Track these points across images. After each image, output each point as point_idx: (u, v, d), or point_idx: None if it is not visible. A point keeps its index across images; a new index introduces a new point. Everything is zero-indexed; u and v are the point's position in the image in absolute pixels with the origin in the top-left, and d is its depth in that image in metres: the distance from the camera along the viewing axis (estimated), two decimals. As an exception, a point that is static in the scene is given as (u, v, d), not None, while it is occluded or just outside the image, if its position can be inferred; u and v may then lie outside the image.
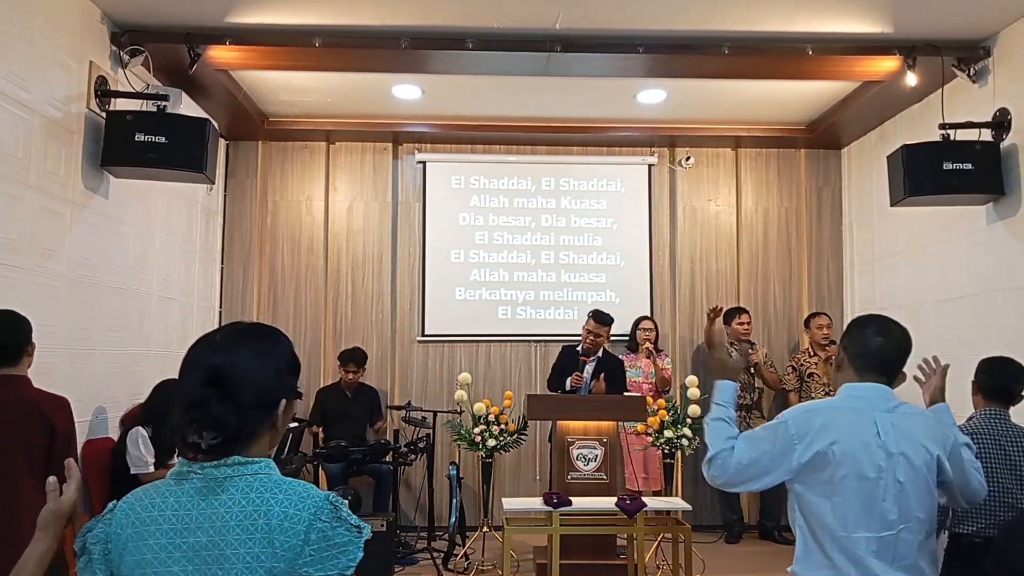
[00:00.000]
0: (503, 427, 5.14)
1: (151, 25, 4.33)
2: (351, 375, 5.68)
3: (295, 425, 4.92)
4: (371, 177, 6.35)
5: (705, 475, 2.05)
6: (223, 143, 6.01)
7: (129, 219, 4.53)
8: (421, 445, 5.12)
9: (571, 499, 4.15)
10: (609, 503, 4.13)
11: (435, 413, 5.34)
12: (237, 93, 5.29)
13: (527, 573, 4.82)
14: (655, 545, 4.95)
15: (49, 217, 3.69)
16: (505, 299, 6.32)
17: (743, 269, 6.38)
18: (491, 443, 5.07)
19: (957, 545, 2.86)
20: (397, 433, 5.76)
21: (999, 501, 2.78)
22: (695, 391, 5.08)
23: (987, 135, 4.36)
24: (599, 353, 5.26)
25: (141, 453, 3.78)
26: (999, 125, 4.33)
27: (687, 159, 6.35)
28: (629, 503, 4.05)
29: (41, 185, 3.62)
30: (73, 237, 3.90)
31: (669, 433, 4.97)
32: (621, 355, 5.64)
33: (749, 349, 5.80)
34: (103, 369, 4.23)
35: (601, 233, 6.40)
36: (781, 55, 4.58)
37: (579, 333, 5.38)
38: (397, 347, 6.25)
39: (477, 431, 5.09)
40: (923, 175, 4.31)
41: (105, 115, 4.09)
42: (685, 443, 4.97)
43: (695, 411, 4.89)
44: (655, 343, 5.77)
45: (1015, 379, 2.95)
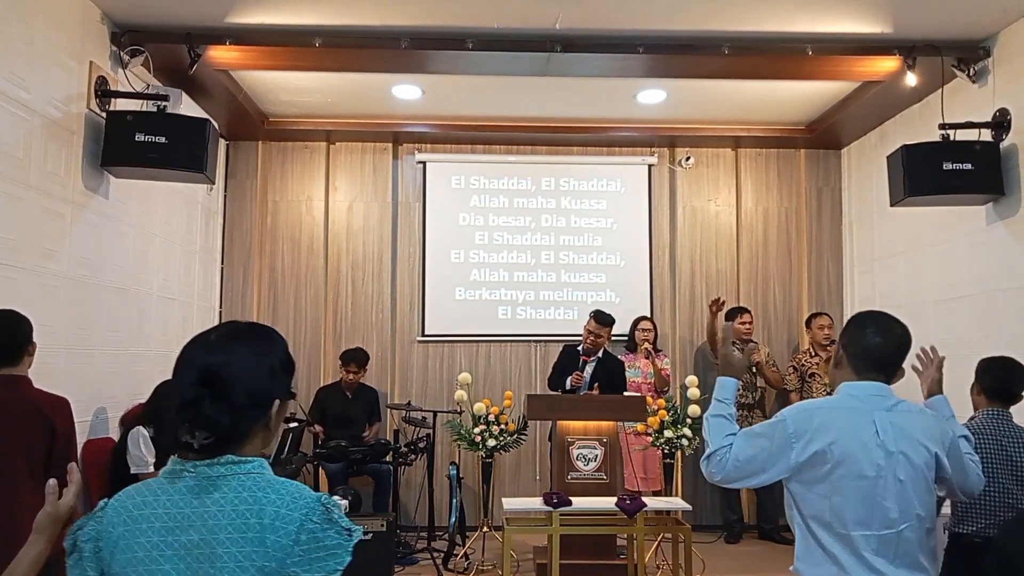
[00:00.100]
0: (503, 427, 5.14)
1: (151, 25, 4.33)
2: (352, 375, 5.68)
3: (295, 425, 4.92)
4: (371, 177, 6.35)
5: (703, 471, 2.05)
6: (223, 143, 6.01)
7: (129, 219, 4.53)
8: (421, 445, 5.12)
9: (571, 499, 4.15)
10: (609, 503, 4.13)
11: (435, 413, 5.34)
12: (237, 93, 5.29)
13: (527, 573, 4.82)
14: (655, 545, 4.95)
15: (49, 217, 3.69)
16: (505, 299, 6.32)
17: (743, 269, 6.38)
18: (491, 443, 5.07)
19: (957, 545, 2.86)
20: (397, 433, 5.76)
21: (999, 501, 2.78)
22: (695, 391, 5.08)
23: (987, 135, 4.36)
24: (599, 353, 5.26)
25: (142, 453, 3.78)
26: (999, 125, 4.33)
27: (687, 159, 6.35)
28: (629, 503, 4.05)
29: (41, 185, 3.62)
30: (73, 237, 3.90)
31: (669, 433, 4.97)
32: (620, 355, 5.64)
33: (753, 349, 5.80)
34: (103, 369, 4.23)
35: (601, 233, 6.40)
36: (781, 55, 4.58)
37: (579, 333, 5.39)
38: (397, 347, 6.25)
39: (477, 431, 5.09)
40: (923, 175, 4.32)
41: (105, 115, 4.09)
42: (685, 443, 4.97)
43: (695, 411, 4.89)
44: (654, 343, 5.76)
45: (1017, 379, 2.95)
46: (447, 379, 6.15)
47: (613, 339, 5.47)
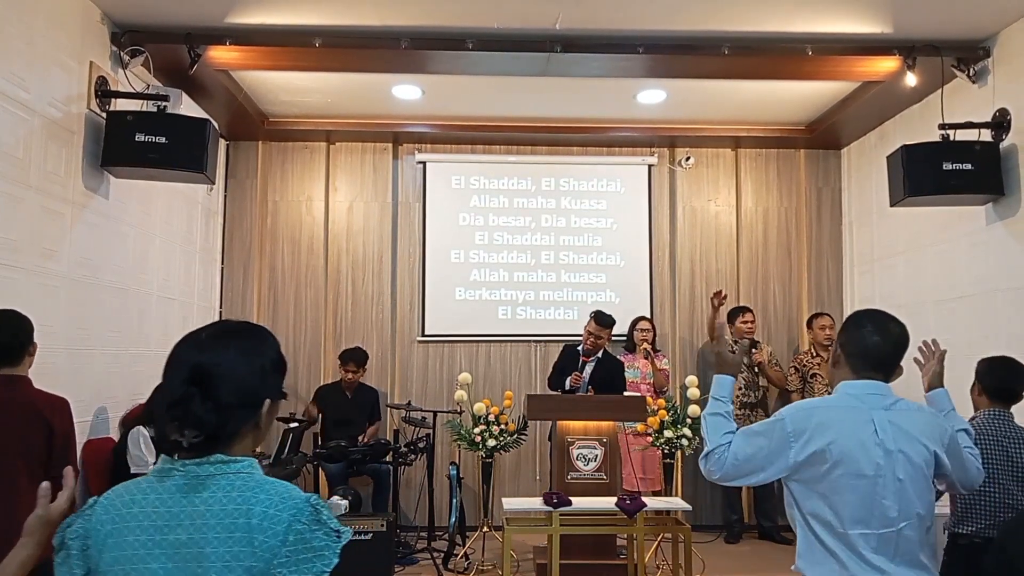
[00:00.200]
0: (503, 427, 5.14)
1: (151, 25, 4.33)
2: (351, 375, 5.68)
3: (295, 425, 4.92)
4: (371, 177, 6.35)
5: (702, 469, 2.06)
6: (223, 143, 6.01)
7: (129, 219, 4.53)
8: (421, 445, 5.12)
9: (571, 499, 4.15)
10: (609, 503, 4.13)
11: (435, 413, 5.34)
12: (237, 93, 5.30)
13: (527, 573, 4.82)
14: (655, 545, 4.96)
15: (49, 217, 3.69)
16: (505, 299, 6.33)
17: (743, 269, 6.38)
18: (491, 443, 5.07)
19: (956, 545, 2.86)
20: (397, 433, 5.76)
21: (999, 502, 2.78)
22: (695, 391, 5.08)
23: (987, 135, 4.36)
24: (599, 354, 5.26)
25: (142, 453, 3.78)
26: (999, 125, 4.34)
27: (687, 159, 6.35)
28: (629, 503, 4.05)
29: (41, 185, 3.62)
30: (73, 237, 3.91)
31: (669, 433, 4.98)
32: (619, 355, 5.64)
33: (753, 348, 5.79)
34: (103, 369, 4.23)
35: (601, 233, 6.40)
36: (781, 55, 4.59)
37: (579, 333, 5.39)
38: (397, 347, 6.25)
39: (477, 431, 5.10)
40: (923, 175, 4.32)
41: (105, 115, 4.09)
42: (685, 443, 4.97)
43: (695, 411, 4.89)
44: (652, 343, 5.76)
45: (1018, 378, 2.94)
46: (447, 379, 6.15)
47: (613, 339, 5.47)
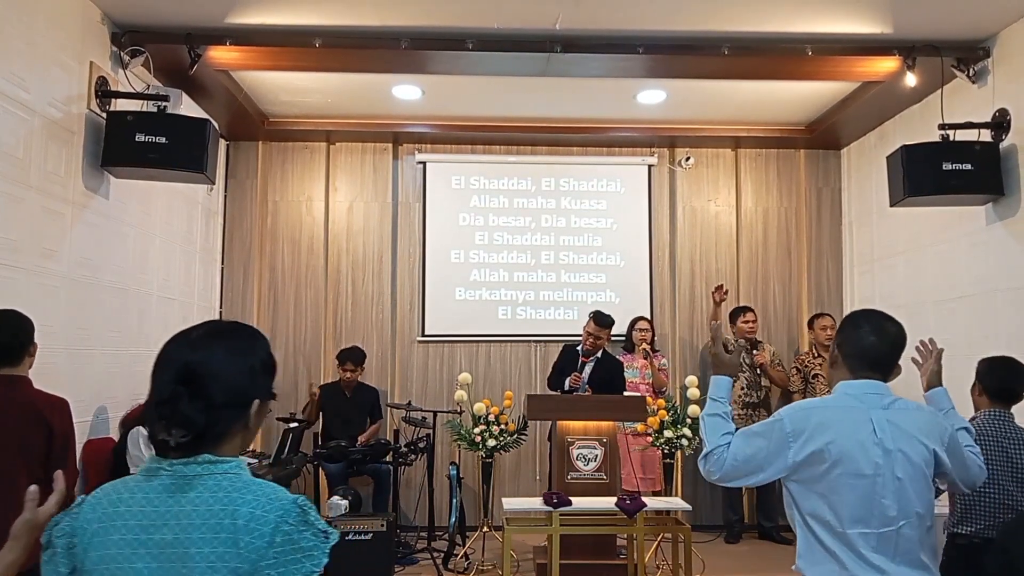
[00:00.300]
0: (503, 427, 5.14)
1: (151, 26, 4.33)
2: (349, 374, 5.68)
3: (295, 426, 4.92)
4: (371, 177, 6.35)
5: (701, 470, 2.06)
6: (223, 143, 6.01)
7: (129, 219, 4.53)
8: (421, 445, 5.12)
9: (571, 499, 4.15)
10: (609, 503, 4.13)
11: (435, 413, 5.34)
12: (237, 93, 5.30)
13: (527, 573, 4.82)
14: (655, 545, 4.96)
15: (49, 217, 3.69)
16: (505, 299, 6.33)
17: (743, 269, 6.38)
18: (491, 443, 5.07)
19: (955, 545, 2.86)
20: (397, 433, 5.76)
21: (998, 503, 2.78)
22: (695, 391, 5.08)
23: (986, 135, 4.36)
24: (598, 354, 5.26)
25: (142, 453, 3.78)
26: (998, 125, 4.34)
27: (687, 159, 6.35)
28: (629, 503, 4.05)
29: (42, 185, 3.62)
30: (73, 237, 3.91)
31: (669, 433, 4.98)
32: (618, 355, 5.64)
33: (755, 349, 5.79)
34: (103, 369, 4.23)
35: (601, 233, 6.40)
36: (781, 55, 4.59)
37: (579, 333, 5.38)
38: (397, 347, 6.25)
39: (477, 431, 5.10)
40: (923, 175, 4.32)
41: (105, 115, 4.09)
42: (685, 443, 4.98)
43: (695, 411, 4.89)
44: (651, 343, 5.76)
45: (1019, 378, 2.94)
46: (447, 379, 6.15)
47: (612, 339, 5.47)
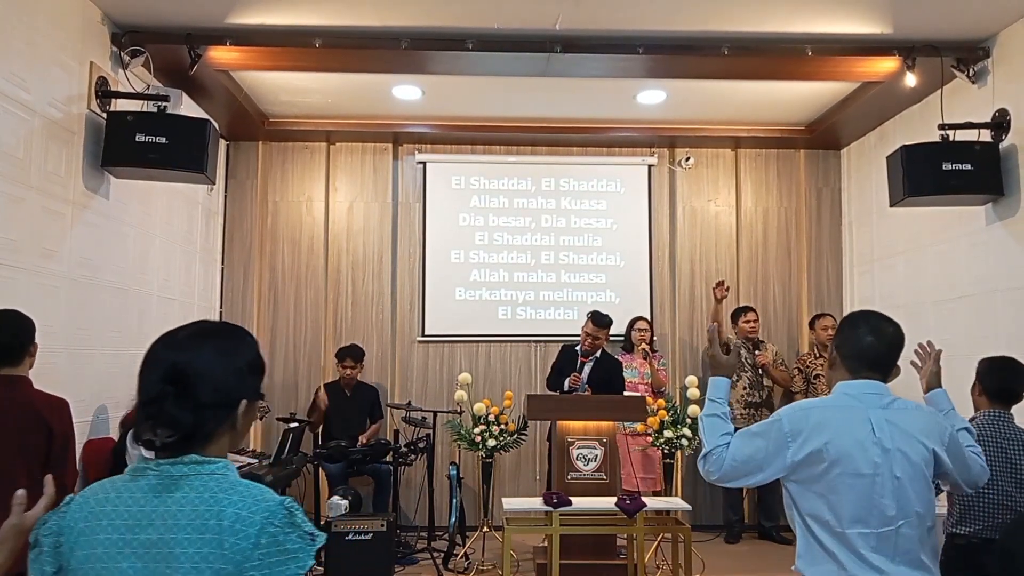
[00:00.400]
0: (503, 427, 5.14)
1: (151, 26, 4.33)
2: (349, 371, 5.68)
3: (295, 426, 4.92)
4: (371, 177, 6.35)
5: (700, 470, 2.07)
6: (223, 143, 6.02)
7: (130, 219, 4.53)
8: (421, 445, 5.12)
9: (571, 499, 4.15)
10: (609, 503, 4.14)
11: (435, 413, 5.34)
12: (237, 94, 5.30)
13: (527, 573, 4.82)
14: (655, 545, 4.96)
15: (50, 217, 3.69)
16: (505, 299, 6.33)
17: (743, 269, 6.38)
18: (491, 443, 5.08)
19: (954, 546, 2.86)
20: (397, 433, 5.76)
21: (997, 503, 2.78)
22: (695, 391, 5.08)
23: (986, 136, 4.36)
24: (597, 354, 5.26)
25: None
26: (998, 126, 4.34)
27: (687, 160, 6.35)
28: (629, 503, 4.05)
29: (42, 185, 3.62)
30: (74, 237, 3.91)
31: (669, 433, 4.98)
32: (617, 355, 5.64)
33: (757, 349, 5.79)
34: (103, 369, 4.24)
35: (601, 233, 6.40)
36: (781, 56, 4.59)
37: (579, 333, 5.38)
38: (397, 347, 6.25)
39: (477, 431, 5.10)
40: (922, 175, 4.32)
41: (106, 116, 4.10)
42: (684, 443, 4.98)
43: (694, 411, 4.89)
44: (650, 343, 5.76)
45: (1020, 379, 2.94)
46: (447, 379, 6.15)
47: (611, 339, 5.46)
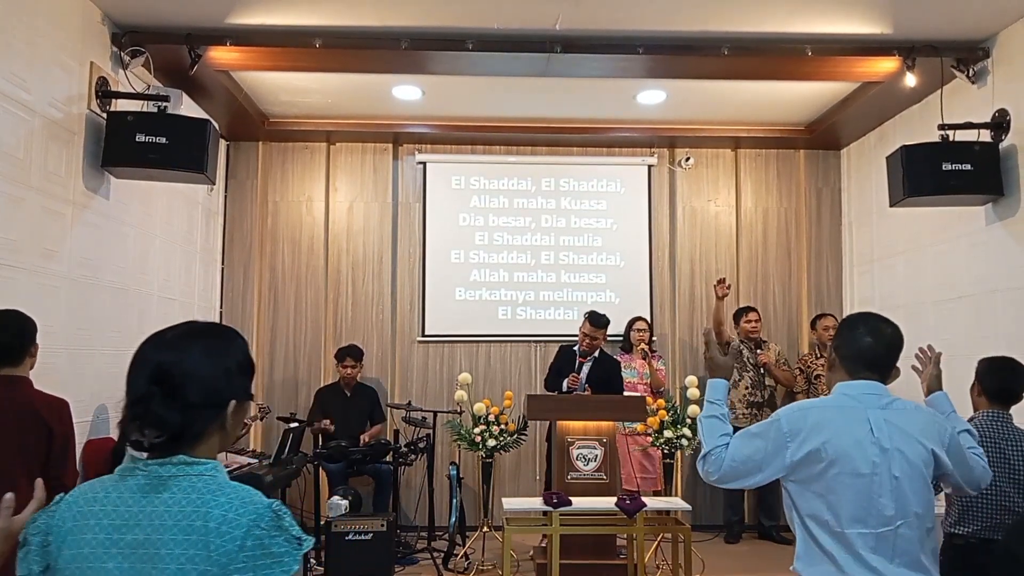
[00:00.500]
0: (503, 427, 5.15)
1: (152, 26, 4.34)
2: (348, 370, 5.69)
3: (295, 426, 4.92)
4: (371, 178, 6.36)
5: (700, 471, 2.08)
6: (223, 144, 6.02)
7: (130, 220, 4.53)
8: (421, 445, 5.12)
9: (571, 499, 4.15)
10: (609, 503, 4.14)
11: (435, 413, 5.34)
12: (237, 94, 5.30)
13: (527, 573, 4.83)
14: (655, 545, 4.96)
15: (50, 217, 3.70)
16: (505, 299, 6.33)
17: (743, 269, 6.39)
18: (491, 443, 5.08)
19: (953, 546, 2.86)
20: (397, 433, 5.77)
21: (995, 503, 2.78)
22: (694, 391, 5.08)
23: (986, 136, 4.36)
24: (595, 354, 5.26)
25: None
26: (998, 126, 4.34)
27: (687, 160, 6.35)
28: (629, 503, 4.06)
29: (42, 186, 3.62)
30: (74, 237, 3.91)
31: (669, 433, 4.98)
32: (616, 355, 5.63)
33: (759, 349, 5.78)
34: (104, 369, 4.23)
35: (601, 234, 6.41)
36: (780, 56, 4.59)
37: (579, 334, 5.38)
38: (397, 347, 6.25)
39: (477, 431, 5.10)
40: (922, 176, 4.32)
41: (106, 116, 4.10)
42: (684, 443, 4.98)
43: (694, 411, 4.89)
44: (649, 344, 5.75)
45: (1019, 379, 2.94)
46: (447, 379, 6.16)
47: (609, 339, 5.46)
